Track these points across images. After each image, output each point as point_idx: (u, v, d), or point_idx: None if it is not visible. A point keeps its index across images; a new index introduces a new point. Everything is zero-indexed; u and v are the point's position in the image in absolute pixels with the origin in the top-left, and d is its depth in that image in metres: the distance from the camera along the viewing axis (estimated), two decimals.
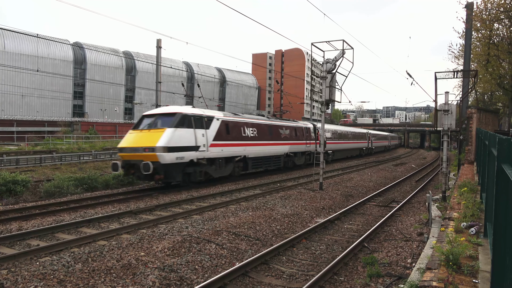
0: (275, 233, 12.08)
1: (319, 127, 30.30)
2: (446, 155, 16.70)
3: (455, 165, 27.11)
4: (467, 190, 10.91)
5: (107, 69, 63.10)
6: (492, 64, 27.03)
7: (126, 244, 9.88)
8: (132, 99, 66.09)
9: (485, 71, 28.62)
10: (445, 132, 16.18)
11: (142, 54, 68.94)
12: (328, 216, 14.59)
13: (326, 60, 20.42)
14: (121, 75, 64.98)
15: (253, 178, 25.35)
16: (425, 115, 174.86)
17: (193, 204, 16.12)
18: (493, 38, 26.25)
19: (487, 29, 25.40)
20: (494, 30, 26.00)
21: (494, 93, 42.12)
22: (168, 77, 61.77)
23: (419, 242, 10.88)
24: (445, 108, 16.25)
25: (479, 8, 23.81)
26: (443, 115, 16.21)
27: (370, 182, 24.67)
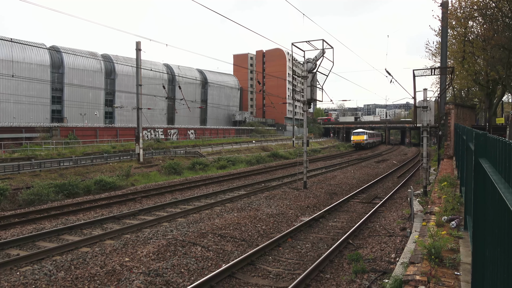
0: (261, 233, 12.09)
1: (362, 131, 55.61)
2: (426, 151, 17.04)
3: (435, 160, 27.69)
4: (447, 184, 11.15)
5: (85, 73, 61.95)
6: (468, 61, 27.69)
7: (110, 250, 9.72)
8: (112, 102, 65.04)
9: (461, 67, 29.29)
10: (425, 128, 16.50)
11: (121, 57, 67.92)
12: (313, 214, 14.69)
13: (306, 60, 20.56)
14: (100, 79, 63.92)
15: (238, 179, 25.31)
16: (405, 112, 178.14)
17: (177, 207, 15.98)
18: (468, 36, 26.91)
19: (462, 27, 26.00)
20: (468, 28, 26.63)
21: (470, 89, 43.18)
22: (148, 80, 61.02)
23: (402, 237, 11.07)
24: (423, 104, 16.55)
25: (454, 7, 24.38)
26: (422, 111, 16.52)
27: (353, 179, 24.96)
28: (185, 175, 27.89)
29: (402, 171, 30.44)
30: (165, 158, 37.32)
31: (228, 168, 32.83)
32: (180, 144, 50.87)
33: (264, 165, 35.19)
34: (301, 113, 20.24)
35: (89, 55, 61.42)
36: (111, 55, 67.64)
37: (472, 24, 26.99)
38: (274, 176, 26.86)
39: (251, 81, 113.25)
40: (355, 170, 30.04)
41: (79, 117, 59.59)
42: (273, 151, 48.99)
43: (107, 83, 66.10)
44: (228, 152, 46.76)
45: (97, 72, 63.96)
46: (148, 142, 48.68)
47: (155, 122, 65.42)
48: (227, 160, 35.39)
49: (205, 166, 32.15)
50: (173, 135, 62.37)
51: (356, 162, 38.10)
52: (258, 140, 65.83)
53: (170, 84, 73.42)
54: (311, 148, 59.02)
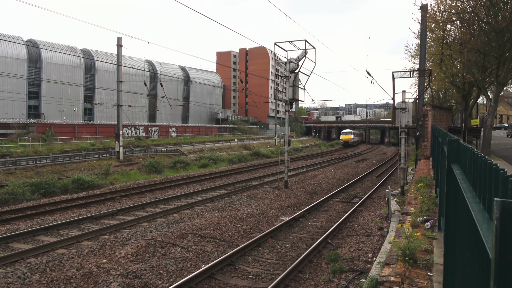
0: (241, 233, 12.10)
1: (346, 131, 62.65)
2: (404, 151, 17.40)
3: (413, 160, 28.33)
4: (423, 185, 11.43)
5: (64, 68, 60.48)
6: (446, 63, 28.39)
7: (87, 252, 9.55)
8: (92, 99, 63.73)
9: (439, 69, 30.00)
10: (403, 129, 16.86)
11: (102, 52, 66.58)
12: (293, 214, 14.80)
13: (289, 60, 20.65)
14: (80, 74, 62.53)
15: (219, 178, 25.24)
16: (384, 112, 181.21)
17: (157, 206, 15.83)
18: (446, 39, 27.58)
19: (440, 30, 26.63)
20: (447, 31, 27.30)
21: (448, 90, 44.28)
22: (130, 76, 60.07)
23: (380, 237, 11.28)
24: (402, 106, 16.90)
25: (433, 10, 24.92)
26: (401, 113, 16.86)
27: (334, 178, 25.25)
28: (166, 173, 27.62)
29: (381, 171, 30.98)
30: (145, 156, 36.86)
31: (209, 166, 32.69)
32: (161, 142, 50.33)
33: (246, 164, 35.17)
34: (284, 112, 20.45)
35: (68, 50, 59.99)
36: (91, 50, 66.26)
37: (450, 28, 27.64)
38: (255, 175, 26.90)
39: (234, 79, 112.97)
40: (336, 170, 30.40)
41: (57, 114, 58.19)
42: (255, 149, 49.01)
43: (86, 79, 64.74)
44: (210, 150, 46.55)
45: (77, 68, 62.57)
46: (128, 139, 47.98)
47: (136, 120, 64.50)
48: (208, 159, 35.21)
49: (186, 165, 31.91)
50: (154, 133, 61.64)
51: (336, 162, 38.55)
52: (240, 139, 65.73)
53: (152, 81, 72.50)
54: (292, 147, 59.34)
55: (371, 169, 31.44)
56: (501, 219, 0.91)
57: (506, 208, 0.91)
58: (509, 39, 20.59)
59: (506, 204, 0.91)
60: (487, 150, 22.96)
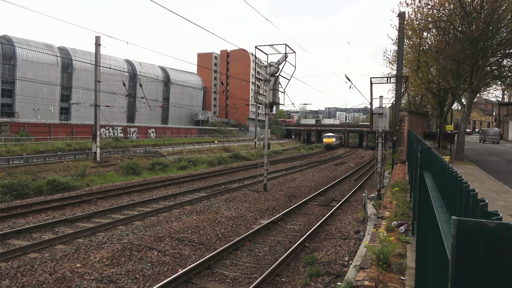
0: (219, 236, 12.07)
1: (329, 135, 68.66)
2: (381, 156, 17.74)
3: (390, 164, 28.92)
4: (398, 189, 11.68)
5: (40, 66, 58.81)
6: (422, 70, 29.19)
7: (61, 256, 9.32)
8: (68, 98, 62.20)
9: (415, 76, 30.81)
10: (380, 134, 17.19)
11: (80, 50, 65.08)
12: (272, 217, 14.86)
13: (269, 63, 20.76)
14: (57, 73, 60.95)
15: (198, 180, 25.08)
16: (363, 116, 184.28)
17: (134, 209, 15.58)
18: (423, 46, 28.36)
19: (417, 37, 27.35)
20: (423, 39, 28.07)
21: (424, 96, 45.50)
22: (108, 76, 58.96)
23: (356, 240, 11.46)
24: (379, 111, 17.23)
25: (410, 18, 25.57)
26: (378, 118, 17.19)
27: (312, 182, 25.49)
28: (144, 175, 27.23)
29: (359, 174, 31.47)
30: (123, 157, 36.23)
31: (189, 168, 32.43)
32: (140, 143, 49.60)
33: (226, 166, 35.09)
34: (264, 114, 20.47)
35: (44, 48, 58.43)
36: (69, 49, 64.75)
37: (427, 35, 28.43)
38: (235, 177, 26.85)
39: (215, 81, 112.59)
40: (315, 173, 30.70)
41: (32, 113, 56.53)
42: (235, 152, 48.94)
43: (63, 78, 63.19)
44: (189, 152, 46.19)
45: (53, 66, 61.01)
46: (106, 140, 47.06)
47: (114, 120, 63.35)
48: (188, 161, 34.92)
49: (165, 167, 31.56)
50: (132, 134, 60.69)
51: (316, 165, 38.93)
52: (221, 141, 65.52)
53: (131, 81, 71.43)
54: (272, 149, 59.58)
55: (349, 173, 31.90)
56: (457, 237, 0.96)
57: (461, 226, 0.96)
58: (482, 48, 21.34)
59: (462, 222, 0.96)
60: (461, 155, 23.70)
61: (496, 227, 0.92)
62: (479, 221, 0.94)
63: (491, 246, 0.92)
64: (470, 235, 0.95)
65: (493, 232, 0.93)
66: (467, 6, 20.38)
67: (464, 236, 0.95)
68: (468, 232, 0.95)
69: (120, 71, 62.92)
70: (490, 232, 0.93)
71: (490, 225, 0.93)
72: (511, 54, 22.96)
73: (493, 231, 0.93)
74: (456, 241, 0.95)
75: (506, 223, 0.92)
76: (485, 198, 5.13)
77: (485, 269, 0.93)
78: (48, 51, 57.81)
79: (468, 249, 0.94)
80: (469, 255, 0.95)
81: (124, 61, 73.39)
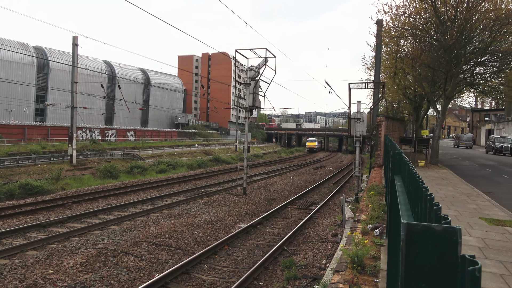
0: (198, 240, 11.98)
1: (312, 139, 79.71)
2: (358, 160, 18.05)
3: (368, 168, 29.43)
4: (374, 193, 11.90)
5: (14, 66, 57.08)
6: (399, 76, 29.90)
7: (32, 262, 9.05)
8: (44, 99, 60.59)
9: (393, 82, 31.53)
10: (358, 139, 17.50)
11: (56, 50, 63.49)
12: (251, 221, 14.85)
13: (249, 67, 20.83)
14: (32, 73, 59.27)
15: (177, 184, 24.83)
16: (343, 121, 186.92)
17: (111, 213, 15.29)
18: (400, 53, 29.06)
19: (394, 45, 28.02)
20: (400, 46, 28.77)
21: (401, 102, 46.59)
22: (86, 77, 57.77)
23: (334, 243, 11.59)
24: (357, 116, 17.57)
25: (388, 25, 26.18)
26: (356, 122, 17.51)
27: (292, 185, 25.64)
28: (122, 179, 26.76)
29: (338, 178, 31.86)
30: (101, 160, 35.52)
31: (168, 172, 32.08)
32: (118, 146, 48.73)
33: (206, 170, 34.89)
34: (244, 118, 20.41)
35: (19, 47, 56.80)
36: (45, 48, 63.12)
37: (404, 43, 29.13)
38: (215, 181, 26.73)
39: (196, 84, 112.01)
40: (295, 176, 30.89)
41: (4, 114, 54.75)
42: (216, 155, 48.75)
43: (39, 78, 61.52)
44: (169, 155, 45.71)
45: (28, 66, 59.33)
46: (83, 143, 46.03)
47: (92, 122, 62.08)
48: (167, 164, 34.55)
49: (143, 170, 31.12)
50: (111, 136, 59.61)
51: (296, 168, 39.19)
52: (201, 144, 65.18)
53: (109, 83, 70.24)
54: (253, 153, 59.66)
55: (328, 176, 32.25)
56: (407, 240, 1.00)
57: (411, 230, 1.00)
58: (456, 56, 22.05)
59: (411, 226, 1.00)
60: (435, 159, 24.35)
61: (443, 230, 0.96)
62: (427, 225, 0.98)
63: (438, 249, 0.96)
64: (419, 238, 0.99)
65: (440, 235, 0.97)
66: (442, 15, 21.04)
67: (413, 240, 0.99)
68: (417, 235, 0.99)
69: (98, 72, 61.79)
70: (438, 236, 0.97)
71: (437, 228, 0.97)
72: (483, 62, 23.81)
73: (440, 235, 0.97)
74: (405, 244, 0.99)
75: (452, 227, 0.96)
76: (457, 201, 5.42)
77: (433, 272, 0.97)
78: (23, 51, 56.23)
79: (417, 252, 0.99)
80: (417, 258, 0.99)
81: (103, 62, 72.13)
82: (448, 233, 0.95)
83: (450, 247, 0.95)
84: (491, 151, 38.82)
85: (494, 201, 12.33)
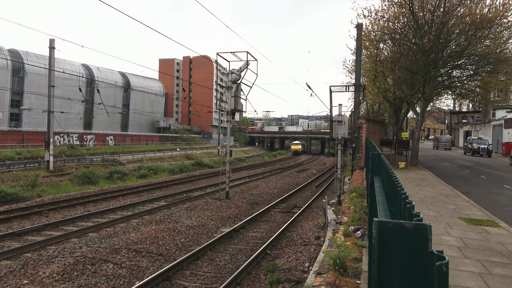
0: (179, 246, 11.83)
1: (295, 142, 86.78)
2: (340, 162, 18.22)
3: (350, 170, 29.77)
4: (355, 195, 12.04)
5: None
6: (379, 79, 30.45)
7: (6, 272, 8.75)
8: (20, 104, 59.02)
9: (373, 85, 32.09)
10: (339, 141, 17.68)
11: (32, 53, 61.99)
12: (234, 225, 14.79)
13: (231, 71, 20.82)
14: (6, 77, 57.66)
15: (158, 189, 24.54)
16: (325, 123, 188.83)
17: (89, 220, 14.97)
18: (380, 56, 29.60)
19: (374, 48, 28.54)
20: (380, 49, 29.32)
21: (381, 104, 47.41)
22: (64, 81, 56.61)
23: (317, 246, 11.65)
24: (339, 119, 17.76)
25: (368, 29, 26.63)
26: (337, 125, 17.70)
27: (275, 189, 25.69)
28: (101, 185, 26.27)
29: (321, 180, 32.11)
30: (79, 166, 34.79)
31: (149, 177, 31.69)
32: (97, 151, 47.87)
33: (188, 174, 34.63)
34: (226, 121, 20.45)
35: None
36: (21, 51, 61.55)
37: (383, 47, 29.67)
38: (197, 185, 26.55)
39: (177, 87, 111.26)
40: (277, 180, 30.97)
41: None
42: (198, 159, 48.49)
43: (14, 82, 59.89)
44: (150, 160, 45.19)
45: (2, 69, 57.70)
46: (60, 148, 45.02)
47: (70, 127, 60.80)
48: (148, 169, 34.16)
49: (124, 175, 30.64)
50: (89, 141, 58.51)
51: (278, 172, 39.29)
52: (183, 148, 64.74)
53: (88, 87, 68.97)
54: (235, 157, 59.56)
55: (311, 179, 32.46)
56: (379, 238, 1.00)
57: (382, 227, 1.00)
58: (433, 60, 22.60)
59: (383, 223, 1.00)
60: (415, 160, 24.84)
61: (414, 227, 0.97)
62: (399, 222, 0.99)
63: (409, 245, 0.97)
64: (390, 236, 0.99)
65: (411, 232, 0.97)
66: (420, 20, 21.53)
67: (385, 237, 0.99)
68: (389, 233, 0.99)
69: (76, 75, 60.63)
70: (409, 233, 0.98)
71: (408, 225, 0.97)
72: (459, 65, 24.48)
73: (411, 232, 0.97)
74: (377, 241, 1.00)
75: (422, 224, 0.97)
76: (437, 202, 5.52)
77: (405, 268, 0.98)
78: None
79: (389, 249, 0.99)
80: (389, 255, 0.99)
81: (81, 65, 70.84)
82: (419, 230, 0.96)
83: (421, 244, 0.95)
84: (469, 152, 39.89)
85: (472, 201, 12.66)
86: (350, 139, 20.91)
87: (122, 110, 72.68)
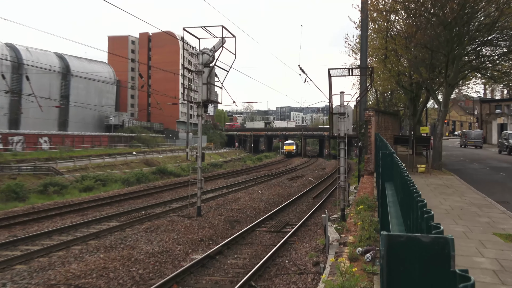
0: (137, 279, 11.72)
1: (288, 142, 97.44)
2: (344, 166, 18.29)
3: (356, 176, 30.06)
4: (364, 208, 12.14)
5: None
6: (391, 60, 30.85)
7: None
8: None
9: (383, 67, 32.49)
10: (342, 139, 17.77)
11: None
12: (208, 250, 14.75)
13: (202, 51, 20.76)
14: None
15: (109, 205, 24.32)
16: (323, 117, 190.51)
17: (16, 248, 14.75)
18: (390, 31, 30.00)
19: (384, 21, 28.90)
20: (391, 22, 29.72)
21: (394, 92, 48.09)
22: None
23: (315, 274, 11.71)
24: (341, 110, 17.81)
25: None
26: (339, 119, 17.77)
27: (261, 202, 25.75)
28: (32, 201, 25.96)
29: (319, 190, 32.36)
30: (3, 177, 34.26)
31: (96, 190, 31.49)
32: (27, 157, 47.18)
33: (147, 185, 34.53)
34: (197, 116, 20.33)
35: None
36: None
37: (395, 18, 30.11)
38: (159, 200, 26.45)
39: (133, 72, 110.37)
40: (264, 190, 31.05)
41: None
42: (160, 166, 48.37)
43: None
44: (97, 167, 44.80)
45: None
46: None
47: None
48: (95, 179, 34.01)
49: (62, 188, 30.38)
50: (17, 144, 57.53)
51: (265, 180, 39.41)
52: (141, 152, 64.41)
53: (14, 73, 67.85)
54: (210, 161, 59.46)
55: (307, 189, 32.68)
56: (387, 256, 0.98)
57: (392, 242, 0.99)
58: (457, 34, 22.97)
59: (393, 238, 0.99)
60: (438, 162, 25.25)
61: (432, 242, 0.96)
62: (413, 235, 0.97)
63: (426, 265, 0.96)
64: (403, 253, 0.98)
65: (429, 248, 0.96)
66: None
67: (396, 255, 0.98)
68: (401, 250, 0.98)
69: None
70: (426, 249, 0.96)
71: (425, 240, 0.96)
72: (490, 41, 24.90)
73: (428, 247, 0.96)
74: (386, 261, 0.98)
75: (442, 237, 0.96)
76: (466, 214, 5.61)
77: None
78: None
79: (401, 270, 0.97)
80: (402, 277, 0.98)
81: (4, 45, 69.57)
82: (439, 245, 0.95)
83: (441, 262, 0.94)
84: (505, 150, 40.71)
85: (511, 213, 12.93)
86: (356, 136, 21.07)
87: (59, 103, 71.65)
